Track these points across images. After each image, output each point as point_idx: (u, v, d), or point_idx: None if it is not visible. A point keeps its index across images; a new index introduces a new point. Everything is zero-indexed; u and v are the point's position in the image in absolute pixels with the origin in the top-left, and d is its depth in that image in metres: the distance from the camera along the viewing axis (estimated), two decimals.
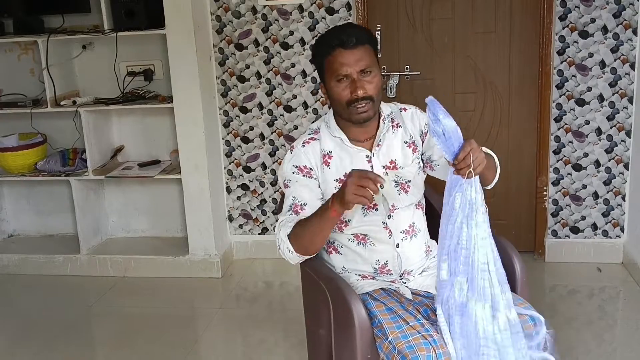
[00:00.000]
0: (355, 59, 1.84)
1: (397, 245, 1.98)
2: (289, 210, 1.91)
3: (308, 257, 1.92)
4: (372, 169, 1.94)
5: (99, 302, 3.45)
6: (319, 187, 1.94)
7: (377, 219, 1.95)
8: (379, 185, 1.65)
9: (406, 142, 2.01)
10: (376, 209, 1.95)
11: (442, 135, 1.65)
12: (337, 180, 1.94)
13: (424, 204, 2.08)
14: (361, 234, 1.97)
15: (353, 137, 1.96)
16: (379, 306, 1.87)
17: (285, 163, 1.97)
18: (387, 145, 1.98)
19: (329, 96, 1.93)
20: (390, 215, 1.96)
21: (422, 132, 2.03)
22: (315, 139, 1.98)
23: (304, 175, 1.94)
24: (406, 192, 1.98)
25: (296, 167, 1.95)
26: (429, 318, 1.83)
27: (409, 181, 1.99)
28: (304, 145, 1.97)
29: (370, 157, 1.96)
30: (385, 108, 2.02)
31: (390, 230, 1.97)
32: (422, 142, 2.03)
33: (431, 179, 2.08)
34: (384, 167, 1.96)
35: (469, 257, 1.67)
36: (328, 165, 1.94)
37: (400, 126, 2.02)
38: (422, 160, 2.04)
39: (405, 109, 2.06)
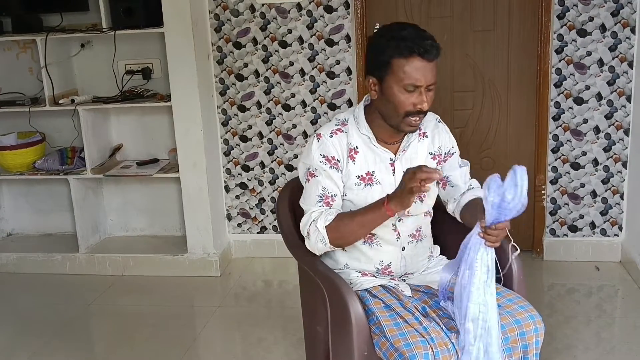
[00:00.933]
0: (430, 72, 1.80)
1: (403, 249, 1.99)
2: (320, 202, 1.90)
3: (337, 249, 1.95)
4: (394, 173, 1.95)
5: (97, 300, 3.45)
6: (342, 180, 1.94)
7: (388, 221, 1.93)
8: (436, 175, 1.69)
9: (431, 153, 2.01)
10: None
11: (507, 202, 1.64)
12: (359, 177, 1.93)
13: (432, 212, 2.09)
14: (370, 233, 1.96)
15: (380, 137, 1.94)
16: (377, 303, 1.88)
17: (313, 151, 1.93)
18: (412, 152, 1.98)
19: (382, 96, 1.85)
20: (401, 218, 1.97)
21: (449, 151, 2.05)
22: (343, 131, 1.94)
23: (331, 166, 1.92)
24: (422, 200, 1.99)
25: (324, 156, 1.92)
26: (427, 315, 1.83)
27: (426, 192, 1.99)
28: (331, 135, 1.93)
29: (394, 161, 1.95)
30: None
31: (398, 233, 1.98)
32: (446, 161, 2.05)
33: None
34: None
35: (485, 323, 1.71)
36: (353, 160, 1.93)
37: (426, 135, 2.01)
38: None
39: (441, 122, 2.07)
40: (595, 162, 3.46)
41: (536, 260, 3.61)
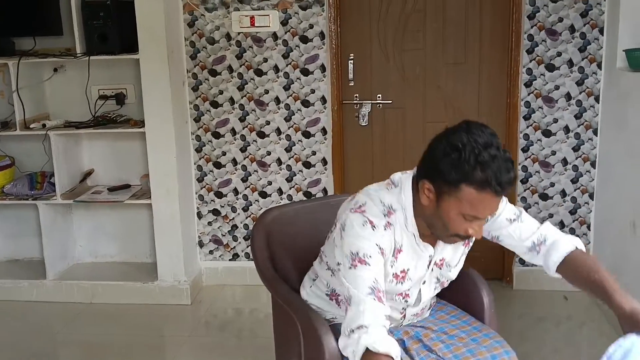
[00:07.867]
0: (496, 208, 1.68)
1: (404, 317, 1.93)
2: (372, 294, 1.64)
3: None
4: (429, 266, 1.82)
5: (64, 329, 3.38)
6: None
7: (400, 305, 1.86)
8: None
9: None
10: (406, 300, 1.86)
11: None
12: (394, 274, 1.79)
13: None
14: None
15: (422, 231, 1.77)
16: None
17: (367, 236, 1.69)
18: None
19: (435, 208, 1.66)
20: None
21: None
22: (391, 224, 1.73)
23: (383, 259, 1.72)
24: (442, 286, 1.92)
25: (379, 247, 1.70)
26: (408, 351, 1.84)
27: (450, 280, 1.92)
28: (385, 229, 1.72)
29: (432, 257, 1.82)
30: None
31: (404, 315, 1.91)
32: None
33: None
34: (435, 263, 1.84)
35: None
36: (396, 259, 1.77)
37: None
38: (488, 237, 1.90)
39: None
40: (563, 193, 3.54)
41: (506, 289, 3.66)
